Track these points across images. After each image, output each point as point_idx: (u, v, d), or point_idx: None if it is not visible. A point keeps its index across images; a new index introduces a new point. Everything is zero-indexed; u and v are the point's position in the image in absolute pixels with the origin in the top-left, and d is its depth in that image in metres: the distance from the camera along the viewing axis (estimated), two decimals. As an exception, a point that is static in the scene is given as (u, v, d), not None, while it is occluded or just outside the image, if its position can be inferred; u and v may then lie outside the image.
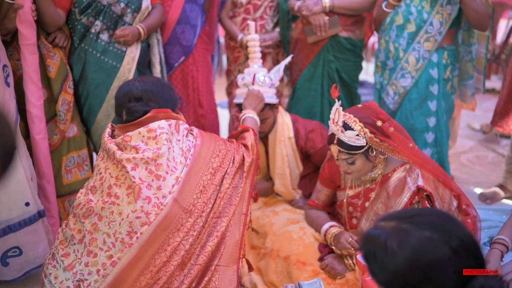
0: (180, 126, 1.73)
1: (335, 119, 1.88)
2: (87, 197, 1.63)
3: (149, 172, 1.58)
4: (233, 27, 3.03)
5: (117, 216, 1.54)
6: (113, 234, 1.53)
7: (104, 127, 2.50)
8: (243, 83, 2.33)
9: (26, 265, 2.09)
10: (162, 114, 1.72)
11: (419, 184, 1.82)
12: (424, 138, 2.60)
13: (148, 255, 1.53)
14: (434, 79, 2.55)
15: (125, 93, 1.76)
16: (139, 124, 1.69)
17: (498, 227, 2.00)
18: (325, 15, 2.73)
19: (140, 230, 1.53)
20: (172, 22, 2.78)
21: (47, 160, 2.24)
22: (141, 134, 1.64)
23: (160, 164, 1.59)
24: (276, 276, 2.03)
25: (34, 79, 2.12)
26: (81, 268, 1.52)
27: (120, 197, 1.56)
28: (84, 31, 2.41)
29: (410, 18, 2.53)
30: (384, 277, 0.99)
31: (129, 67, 2.47)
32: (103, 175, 1.64)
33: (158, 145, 1.61)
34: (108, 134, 1.73)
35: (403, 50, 2.57)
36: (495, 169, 3.56)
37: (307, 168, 2.56)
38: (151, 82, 1.81)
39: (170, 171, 1.60)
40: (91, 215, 1.57)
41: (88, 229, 1.56)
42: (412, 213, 1.06)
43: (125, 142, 1.64)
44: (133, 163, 1.58)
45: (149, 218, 1.53)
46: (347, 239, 1.92)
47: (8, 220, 2.00)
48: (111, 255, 1.52)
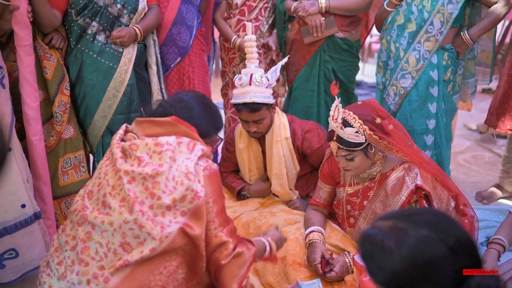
0: (195, 146, 1.60)
1: (334, 116, 1.89)
2: (83, 202, 1.59)
3: (145, 188, 1.51)
4: (227, 29, 3.03)
5: (108, 226, 1.49)
6: (105, 244, 1.48)
7: (101, 128, 2.49)
8: (240, 83, 2.32)
9: (23, 267, 2.08)
10: (182, 126, 1.62)
11: (417, 183, 1.83)
12: (423, 140, 2.58)
13: (143, 275, 1.47)
14: (434, 81, 2.53)
15: (177, 96, 1.74)
16: (156, 123, 1.63)
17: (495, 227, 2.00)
18: (321, 16, 2.73)
19: (137, 248, 1.45)
20: (168, 23, 2.78)
21: (43, 161, 2.23)
22: (148, 146, 1.58)
23: (157, 182, 1.51)
24: (274, 277, 2.03)
25: (30, 80, 2.11)
26: (73, 277, 1.48)
27: (112, 208, 1.51)
28: (80, 32, 2.40)
29: (411, 17, 2.51)
30: (382, 277, 0.99)
31: (125, 68, 2.47)
32: (101, 181, 1.59)
33: (161, 161, 1.54)
34: (119, 137, 1.66)
35: (403, 50, 2.56)
36: (491, 169, 3.57)
37: (304, 169, 2.56)
38: (200, 101, 1.74)
39: (169, 191, 1.51)
40: (85, 223, 1.53)
41: (81, 237, 1.51)
42: (409, 212, 1.06)
43: (131, 150, 1.59)
44: (130, 176, 1.53)
45: (142, 233, 1.45)
46: (315, 260, 1.91)
47: (4, 222, 1.99)
48: (102, 266, 1.46)
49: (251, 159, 2.54)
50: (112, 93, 2.45)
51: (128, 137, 1.67)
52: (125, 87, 2.48)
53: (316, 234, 2.02)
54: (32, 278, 2.18)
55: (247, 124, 2.36)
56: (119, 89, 2.46)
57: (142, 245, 1.46)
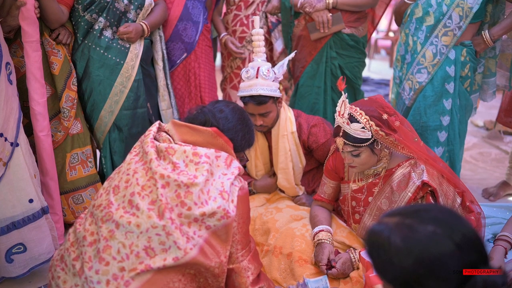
0: (232, 162, 1.62)
1: (341, 112, 1.88)
2: (108, 197, 1.55)
3: (177, 196, 1.50)
4: (220, 25, 3.08)
5: (134, 228, 1.46)
6: (129, 245, 1.45)
7: (107, 123, 2.51)
8: (246, 76, 2.33)
9: (31, 261, 2.09)
10: (221, 140, 1.62)
11: (424, 179, 1.82)
12: (436, 136, 2.55)
13: (162, 282, 1.46)
14: (451, 77, 2.49)
15: (217, 107, 1.73)
16: (195, 130, 1.62)
17: (502, 224, 2.00)
18: (328, 12, 2.72)
19: (161, 255, 1.45)
20: (174, 18, 2.79)
21: (51, 157, 2.24)
22: (186, 154, 1.56)
23: (190, 193, 1.49)
24: (280, 273, 2.03)
25: (37, 76, 2.12)
26: (91, 274, 1.44)
27: (141, 209, 1.48)
28: (87, 27, 2.41)
29: (430, 10, 2.47)
30: (388, 273, 0.99)
31: (132, 64, 2.48)
32: (129, 178, 1.55)
33: (198, 172, 1.53)
34: (153, 135, 1.64)
35: (420, 44, 2.52)
36: (498, 166, 3.55)
37: (310, 164, 2.56)
38: (239, 115, 1.74)
39: (200, 203, 1.50)
40: (109, 221, 1.49)
41: (104, 235, 1.48)
42: (415, 208, 1.06)
43: (168, 154, 1.57)
44: (165, 181, 1.51)
45: (168, 240, 1.45)
46: (322, 261, 1.92)
47: (12, 217, 2.01)
48: (123, 267, 1.44)
49: (258, 154, 2.54)
50: (119, 89, 2.47)
51: (163, 138, 1.65)
52: (132, 82, 2.49)
53: (325, 234, 2.02)
54: (40, 272, 2.20)
55: (253, 117, 2.36)
56: (126, 84, 2.48)
57: (166, 253, 1.45)
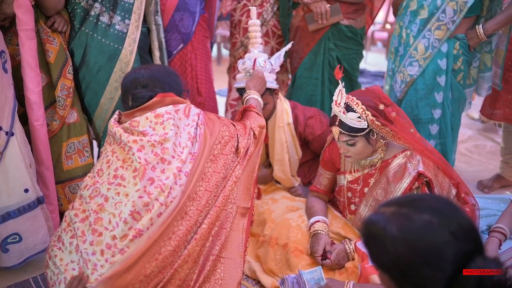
0: (190, 111, 1.74)
1: (337, 101, 1.89)
2: (93, 179, 1.64)
3: (154, 154, 1.59)
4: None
5: (123, 198, 1.54)
6: (118, 214, 1.53)
7: (108, 111, 2.48)
8: (243, 67, 2.32)
9: (26, 251, 2.09)
10: (168, 98, 1.72)
11: (419, 170, 1.82)
12: (428, 129, 2.56)
13: (155, 243, 1.53)
14: (442, 70, 2.49)
15: (131, 80, 1.77)
16: (146, 109, 1.70)
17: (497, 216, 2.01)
18: (326, 3, 2.71)
19: (146, 216, 1.52)
20: (171, 8, 2.76)
21: (46, 147, 2.23)
22: (149, 120, 1.65)
23: (166, 148, 1.60)
24: (275, 263, 2.04)
25: (32, 64, 2.10)
26: (86, 246, 1.52)
27: (126, 179, 1.57)
28: (84, 14, 2.38)
29: (424, 4, 2.47)
30: (384, 262, 1.00)
31: (130, 49, 2.44)
32: (109, 158, 1.65)
33: (166, 130, 1.63)
34: (115, 120, 1.74)
35: (413, 37, 2.52)
36: (493, 158, 3.57)
37: (306, 156, 2.56)
38: (157, 69, 1.82)
39: (177, 155, 1.62)
40: (97, 196, 1.58)
41: (93, 209, 1.56)
42: (411, 198, 1.06)
43: (133, 127, 1.65)
44: (139, 145, 1.60)
45: (151, 200, 1.53)
46: (317, 252, 1.94)
47: (7, 206, 2.00)
48: (114, 236, 1.51)
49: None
50: (119, 75, 2.43)
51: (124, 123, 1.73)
52: (131, 68, 2.47)
53: (322, 225, 2.03)
54: (36, 262, 2.20)
55: (249, 109, 2.35)
56: (125, 70, 2.44)
57: (150, 212, 1.53)
